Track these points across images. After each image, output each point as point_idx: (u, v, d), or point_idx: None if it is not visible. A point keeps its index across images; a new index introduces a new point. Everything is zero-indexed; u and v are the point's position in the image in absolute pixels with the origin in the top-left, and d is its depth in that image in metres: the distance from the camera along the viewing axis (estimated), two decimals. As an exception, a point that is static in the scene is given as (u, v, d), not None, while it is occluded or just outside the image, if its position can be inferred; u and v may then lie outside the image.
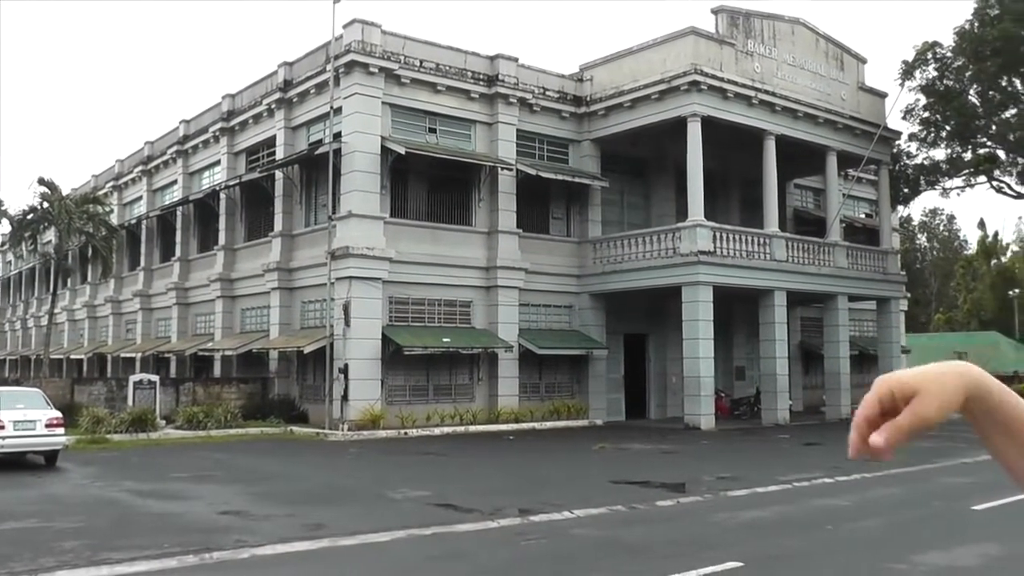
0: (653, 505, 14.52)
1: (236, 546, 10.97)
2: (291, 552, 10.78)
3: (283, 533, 11.83)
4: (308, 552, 10.82)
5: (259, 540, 11.32)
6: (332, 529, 12.07)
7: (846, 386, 36.89)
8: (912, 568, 10.19)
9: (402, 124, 31.67)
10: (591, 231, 35.47)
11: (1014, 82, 41.68)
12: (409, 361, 30.36)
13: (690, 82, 32.07)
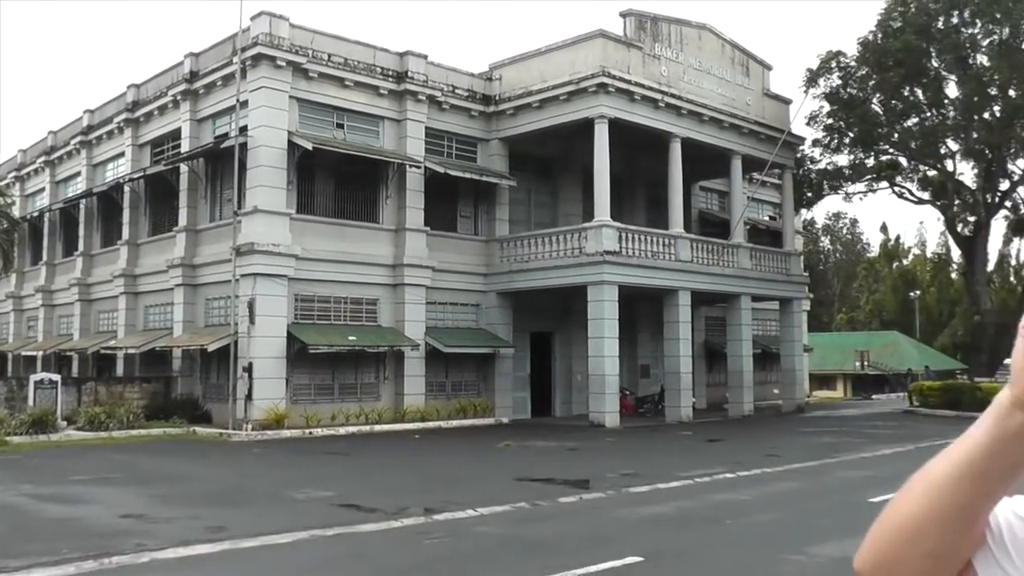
0: (556, 502, 14.63)
1: (136, 550, 10.77)
2: (192, 555, 10.62)
3: (184, 536, 11.66)
4: (209, 555, 10.67)
5: (160, 544, 11.13)
6: (234, 531, 11.93)
7: (749, 384, 37.59)
8: (809, 559, 10.46)
9: (309, 119, 31.37)
10: (499, 230, 35.57)
11: (916, 92, 42.91)
12: (315, 360, 30.10)
13: (598, 84, 32.36)
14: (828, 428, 31.62)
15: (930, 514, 1.11)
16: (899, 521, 1.15)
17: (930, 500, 1.10)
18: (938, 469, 1.11)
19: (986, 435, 1.05)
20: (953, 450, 1.10)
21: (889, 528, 1.17)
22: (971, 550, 1.14)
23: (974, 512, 1.10)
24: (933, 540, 1.12)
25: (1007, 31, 39.84)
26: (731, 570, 10.01)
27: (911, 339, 68.90)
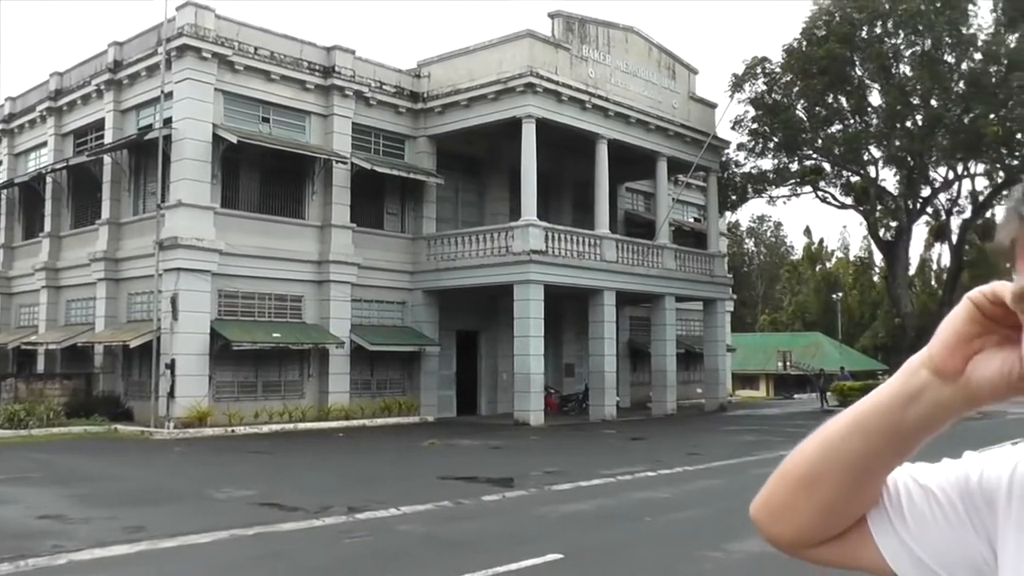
0: (479, 500, 14.65)
1: (53, 552, 10.53)
2: (110, 556, 10.42)
3: (102, 537, 11.44)
4: (127, 556, 10.48)
5: (77, 545, 10.91)
6: (152, 531, 11.73)
7: (672, 383, 37.98)
8: (727, 556, 10.61)
9: (235, 112, 31.00)
10: (425, 228, 35.49)
11: (839, 99, 43.73)
12: (238, 357, 29.76)
13: (526, 84, 32.46)
14: (749, 427, 32.04)
15: (825, 466, 1.14)
16: (796, 471, 1.18)
17: (826, 452, 1.14)
18: (842, 420, 1.14)
19: (888, 393, 1.08)
20: (855, 406, 1.13)
21: (786, 477, 1.19)
22: (865, 507, 1.17)
23: (868, 468, 1.13)
24: (827, 492, 1.15)
25: (929, 42, 40.74)
26: (650, 567, 10.09)
27: (833, 340, 70.12)
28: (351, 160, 32.68)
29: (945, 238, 51.27)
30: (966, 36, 40.90)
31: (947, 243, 50.59)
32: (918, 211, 46.89)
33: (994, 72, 40.34)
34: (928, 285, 76.66)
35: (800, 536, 1.21)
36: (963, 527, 1.12)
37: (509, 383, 34.06)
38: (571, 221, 38.57)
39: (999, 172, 44.48)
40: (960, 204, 47.86)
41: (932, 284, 76.19)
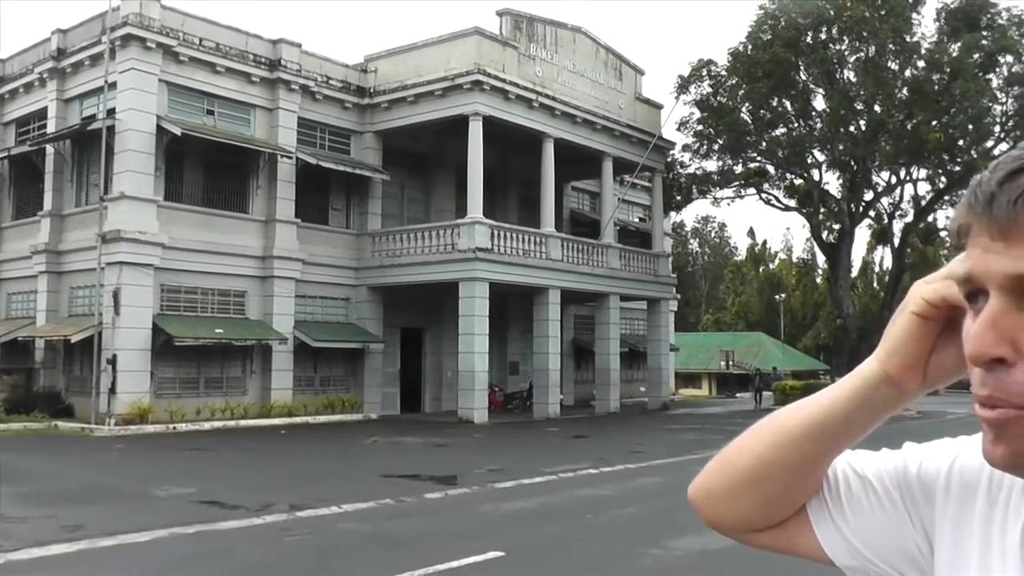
0: (422, 498, 14.63)
1: (-10, 551, 10.40)
2: (49, 556, 10.25)
3: (40, 536, 11.24)
4: (66, 555, 10.33)
5: (15, 544, 10.71)
6: (91, 530, 11.56)
7: (616, 381, 38.21)
8: (667, 552, 10.71)
9: (179, 104, 30.62)
10: (371, 224, 35.35)
11: (784, 103, 44.15)
12: (180, 352, 29.41)
13: (473, 81, 32.44)
14: (692, 425, 32.29)
15: (778, 462, 1.15)
16: (743, 464, 1.19)
17: (780, 449, 1.14)
18: (793, 422, 1.14)
19: (848, 402, 1.09)
20: (810, 407, 1.14)
21: (732, 467, 1.20)
22: (807, 497, 1.19)
23: (816, 464, 1.15)
24: (775, 486, 1.17)
25: (873, 49, 41.28)
26: (590, 564, 10.14)
27: (775, 340, 70.87)
28: (296, 155, 32.44)
29: (887, 241, 52.00)
30: (910, 44, 41.52)
31: (889, 246, 51.33)
32: (861, 214, 47.49)
33: (937, 80, 40.99)
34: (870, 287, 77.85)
35: (739, 522, 1.23)
36: (900, 517, 1.14)
37: (453, 381, 34.05)
38: (517, 219, 38.63)
39: (941, 178, 45.22)
40: (902, 208, 48.60)
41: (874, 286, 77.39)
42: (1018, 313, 0.84)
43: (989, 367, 0.85)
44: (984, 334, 0.85)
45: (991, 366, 0.85)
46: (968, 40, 40.91)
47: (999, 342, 0.84)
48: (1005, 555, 1.00)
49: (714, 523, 1.25)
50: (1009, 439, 0.86)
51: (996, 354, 0.84)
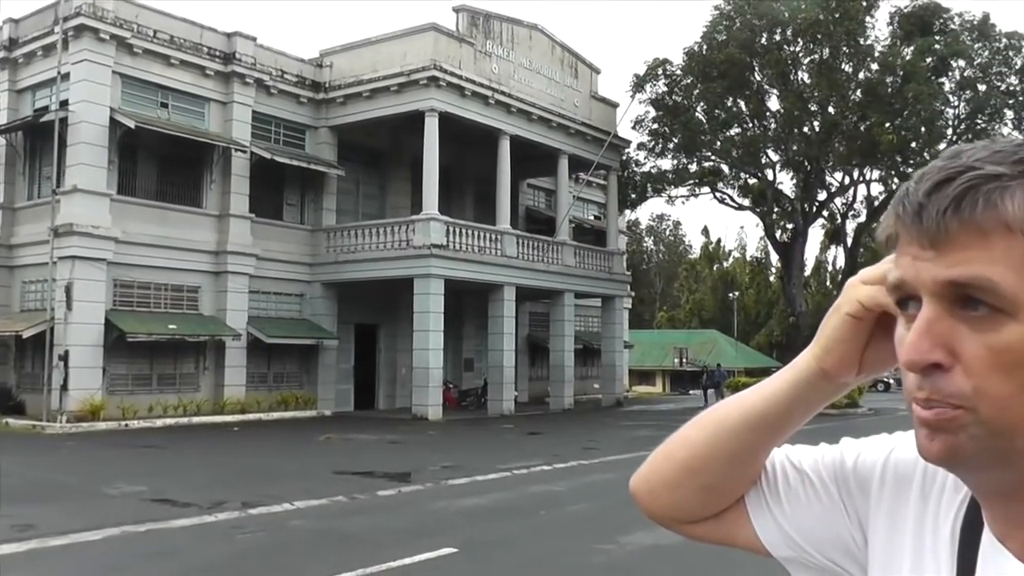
0: (375, 495, 14.62)
1: (-64, 550, 10.24)
2: (-3, 554, 10.18)
3: (-11, 534, 11.14)
4: (16, 554, 10.17)
5: (-38, 543, 10.61)
6: (42, 529, 11.40)
7: (570, 378, 38.36)
8: (619, 548, 10.78)
9: (133, 96, 30.28)
10: (325, 220, 35.18)
11: (739, 103, 44.48)
12: (133, 349, 29.10)
13: (429, 77, 32.40)
14: (645, 422, 32.43)
15: (718, 453, 1.18)
16: (685, 454, 1.21)
17: (720, 440, 1.17)
18: (734, 413, 1.18)
19: (786, 394, 1.13)
20: (751, 398, 1.17)
21: (673, 458, 1.23)
22: (745, 489, 1.22)
23: (755, 456, 1.19)
24: (715, 476, 1.19)
25: (827, 51, 41.72)
26: (542, 560, 10.19)
27: (729, 338, 71.40)
28: (251, 149, 32.23)
29: (840, 241, 52.58)
30: (863, 47, 42.04)
31: (842, 246, 51.90)
32: (814, 214, 48.01)
33: (890, 83, 41.52)
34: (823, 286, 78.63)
35: (678, 513, 1.25)
36: (836, 509, 1.16)
37: (408, 377, 33.99)
38: (472, 216, 38.60)
39: (894, 179, 45.74)
40: (855, 208, 49.19)
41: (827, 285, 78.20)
42: (951, 319, 0.87)
43: (926, 372, 0.88)
44: (920, 341, 0.88)
45: (928, 371, 0.88)
46: (921, 44, 41.51)
47: (934, 348, 0.87)
48: (937, 549, 1.02)
49: (653, 514, 1.27)
50: (944, 436, 0.89)
51: (932, 360, 0.87)
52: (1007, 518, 0.94)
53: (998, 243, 0.84)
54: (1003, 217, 0.84)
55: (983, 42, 43.08)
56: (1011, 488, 0.92)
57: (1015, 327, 0.84)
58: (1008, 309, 0.84)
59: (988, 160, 0.86)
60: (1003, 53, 43.24)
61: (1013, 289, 0.83)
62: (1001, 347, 0.84)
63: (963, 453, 0.88)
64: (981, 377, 0.85)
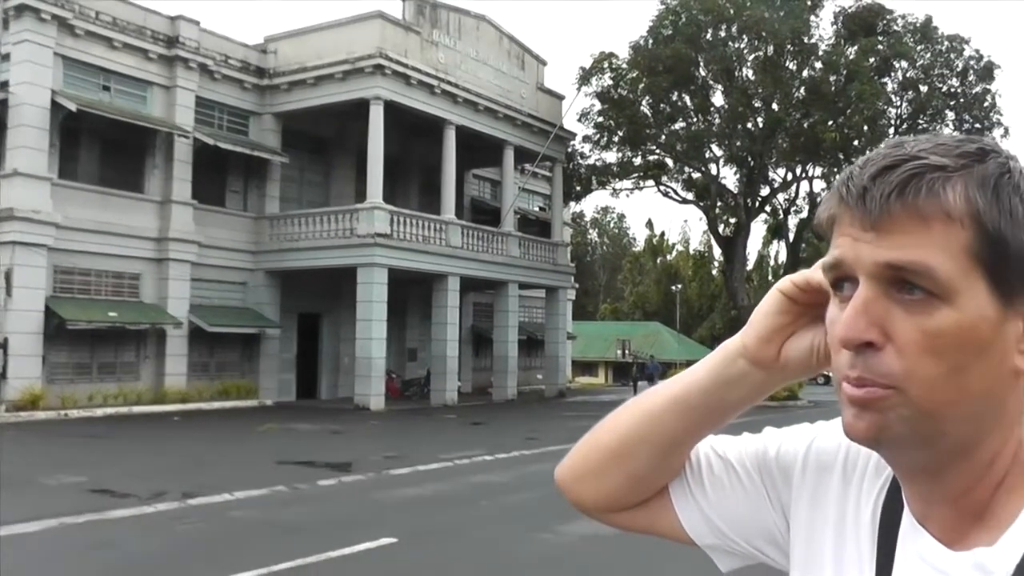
0: (316, 485, 14.60)
1: None
2: (-70, 545, 10.02)
3: (-77, 525, 10.97)
4: (-52, 543, 10.10)
5: None
6: (-23, 519, 11.31)
7: (513, 369, 38.45)
8: (558, 536, 10.88)
9: (75, 79, 29.78)
10: (268, 207, 34.92)
11: (684, 98, 44.73)
12: (73, 337, 28.63)
13: (375, 65, 32.26)
14: (587, 412, 32.54)
15: (641, 438, 1.21)
16: (610, 440, 1.24)
17: (643, 425, 1.21)
18: (659, 398, 1.21)
19: (707, 377, 1.16)
20: (674, 383, 1.21)
21: (599, 446, 1.26)
22: (670, 478, 1.25)
23: (680, 442, 1.21)
24: (639, 463, 1.22)
25: (772, 49, 42.13)
26: (481, 549, 10.27)
27: (672, 330, 71.89)
28: (194, 135, 31.88)
29: (782, 236, 53.18)
30: (808, 45, 42.52)
31: (784, 241, 52.49)
32: (757, 209, 48.47)
33: (833, 81, 42.06)
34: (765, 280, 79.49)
35: (603, 501, 1.28)
36: (759, 498, 1.20)
37: (350, 367, 33.87)
38: (417, 205, 38.52)
39: (836, 175, 46.27)
40: (798, 204, 49.69)
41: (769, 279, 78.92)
42: (886, 301, 0.91)
43: (859, 350, 0.92)
44: (856, 319, 0.91)
45: (861, 349, 0.92)
46: (864, 44, 42.06)
47: (869, 327, 0.91)
48: (859, 532, 1.06)
49: (579, 502, 1.31)
50: (872, 415, 0.92)
51: (866, 338, 0.91)
52: (926, 497, 0.97)
53: (937, 230, 0.88)
54: (944, 206, 0.88)
55: (925, 44, 43.79)
56: (932, 467, 0.95)
57: (948, 312, 0.88)
58: (942, 295, 0.88)
59: (932, 151, 0.91)
60: (945, 55, 43.99)
61: (948, 275, 0.87)
62: (933, 331, 0.88)
63: (889, 433, 0.92)
64: (912, 359, 0.89)
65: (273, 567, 9.03)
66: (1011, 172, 0.90)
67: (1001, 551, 0.88)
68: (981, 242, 0.87)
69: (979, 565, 0.89)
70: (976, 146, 0.91)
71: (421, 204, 39.11)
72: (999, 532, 0.89)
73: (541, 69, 41.80)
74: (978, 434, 0.92)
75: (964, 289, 0.87)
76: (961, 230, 0.87)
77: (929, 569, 0.94)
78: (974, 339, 0.88)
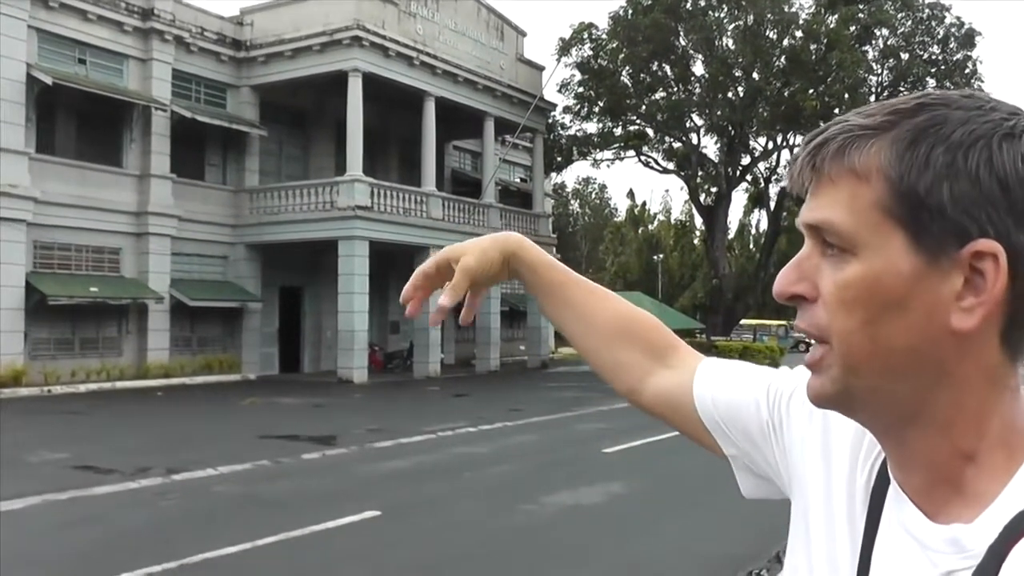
0: (299, 459, 14.66)
1: None
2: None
3: (-96, 502, 10.95)
4: (-70, 520, 10.08)
5: None
6: (-41, 496, 11.29)
7: (496, 340, 38.49)
8: (541, 508, 11.01)
9: (50, 52, 29.39)
10: (248, 180, 34.74)
11: (664, 68, 44.70)
12: (54, 312, 28.46)
13: (352, 37, 32.06)
14: (570, 383, 32.71)
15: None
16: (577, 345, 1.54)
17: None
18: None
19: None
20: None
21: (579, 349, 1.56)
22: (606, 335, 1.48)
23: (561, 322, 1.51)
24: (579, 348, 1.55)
25: (751, 18, 42.10)
26: (465, 521, 10.31)
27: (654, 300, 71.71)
28: (171, 108, 31.61)
29: (763, 205, 53.31)
30: (788, 14, 42.47)
31: (765, 209, 52.62)
32: (738, 178, 48.58)
33: (814, 50, 42.07)
34: (746, 249, 79.78)
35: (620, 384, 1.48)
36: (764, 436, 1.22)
37: (333, 340, 33.87)
38: (398, 178, 38.42)
39: (817, 145, 46.35)
40: (778, 173, 49.66)
41: (750, 248, 79.38)
42: (820, 258, 0.94)
43: (799, 303, 0.95)
44: (787, 273, 0.95)
45: (799, 302, 0.95)
46: (845, 13, 42.08)
47: (799, 280, 0.94)
48: (855, 493, 1.05)
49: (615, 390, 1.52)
50: (815, 378, 0.95)
51: (793, 291, 0.95)
52: (900, 463, 0.97)
53: (844, 188, 0.90)
54: (849, 165, 0.90)
55: (906, 12, 43.89)
56: (886, 431, 0.96)
57: (855, 264, 0.90)
58: (849, 248, 0.90)
59: (860, 114, 0.93)
60: (926, 23, 44.10)
61: (850, 229, 0.89)
62: (842, 283, 0.90)
63: (826, 392, 0.93)
64: (831, 311, 0.91)
65: (257, 541, 9.09)
66: (944, 123, 0.88)
67: (978, 530, 0.88)
68: (891, 196, 0.88)
69: (955, 540, 0.89)
70: (916, 102, 0.91)
71: (401, 176, 39.01)
72: (978, 510, 0.89)
73: (520, 40, 41.64)
74: (915, 394, 0.91)
75: (871, 242, 0.88)
76: (868, 186, 0.89)
77: (908, 539, 0.94)
78: (882, 292, 0.88)
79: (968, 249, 0.85)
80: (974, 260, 0.85)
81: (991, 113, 0.88)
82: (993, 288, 0.85)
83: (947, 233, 0.86)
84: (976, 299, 0.86)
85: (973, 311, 0.86)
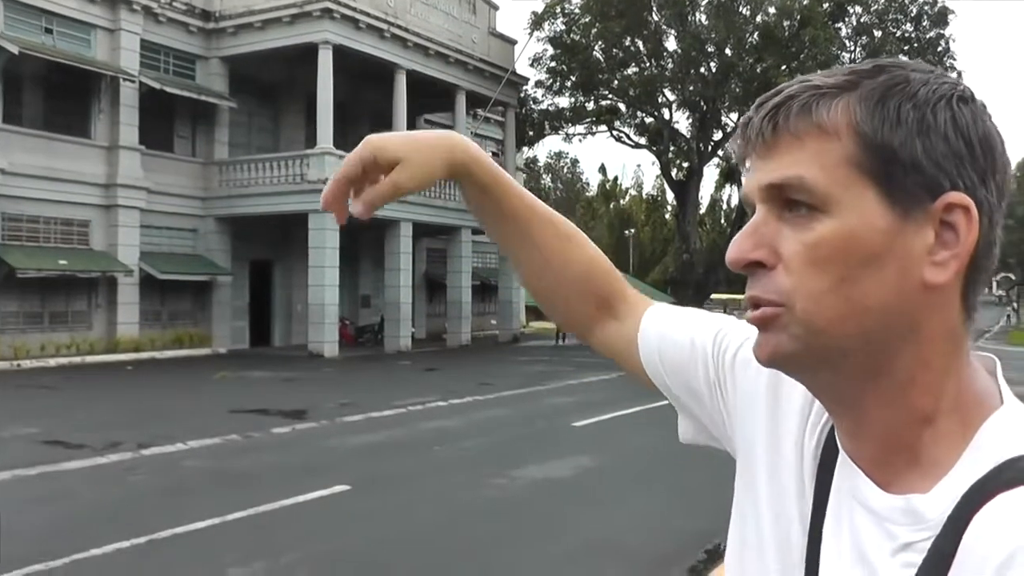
0: (269, 433, 14.68)
1: None
2: None
3: None
4: None
5: None
6: (-74, 471, 11.24)
7: (467, 315, 38.56)
8: (511, 482, 11.09)
9: (15, 21, 28.97)
10: (218, 153, 34.49)
11: (636, 43, 44.71)
12: (23, 285, 28.20)
13: (323, 8, 31.84)
14: (541, 357, 32.84)
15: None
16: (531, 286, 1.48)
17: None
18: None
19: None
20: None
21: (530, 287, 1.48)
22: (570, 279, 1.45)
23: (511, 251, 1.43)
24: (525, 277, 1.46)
25: (725, -6, 42.09)
26: (433, 495, 10.36)
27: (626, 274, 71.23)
28: (139, 79, 31.30)
29: (735, 180, 53.46)
30: (762, -10, 42.53)
31: (736, 185, 52.62)
32: (709, 154, 48.67)
33: (787, 26, 42.19)
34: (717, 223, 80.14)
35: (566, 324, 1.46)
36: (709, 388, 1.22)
37: (304, 314, 33.78)
38: (370, 151, 38.13)
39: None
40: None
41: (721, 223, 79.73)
42: (778, 222, 0.92)
43: (752, 272, 0.94)
44: (743, 241, 0.94)
45: (753, 270, 0.94)
46: (819, -11, 42.14)
47: (757, 247, 0.93)
48: (803, 459, 1.05)
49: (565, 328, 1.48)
50: (765, 335, 0.94)
51: (751, 257, 0.93)
52: (851, 432, 0.96)
53: (811, 145, 0.89)
54: (816, 120, 0.90)
55: (880, -11, 44.00)
56: (843, 393, 0.94)
57: (828, 222, 0.89)
58: (820, 206, 0.89)
59: (820, 76, 0.94)
60: (899, 1, 44.19)
61: (822, 186, 0.89)
62: (813, 242, 0.88)
63: (783, 352, 0.91)
64: (797, 273, 0.90)
65: (227, 516, 9.11)
66: (907, 82, 0.89)
67: (934, 500, 0.88)
68: (863, 151, 0.88)
69: (911, 511, 0.89)
70: (873, 64, 0.92)
71: (373, 150, 38.73)
72: (934, 480, 0.89)
73: (493, 14, 41.50)
74: (884, 352, 0.90)
75: (845, 199, 0.88)
76: (838, 141, 0.88)
77: (861, 510, 0.93)
78: (858, 249, 0.87)
79: (941, 201, 0.86)
80: (945, 214, 0.86)
81: (943, 77, 0.90)
82: (966, 240, 0.86)
83: (920, 187, 0.87)
84: (949, 252, 0.87)
85: (947, 264, 0.87)
